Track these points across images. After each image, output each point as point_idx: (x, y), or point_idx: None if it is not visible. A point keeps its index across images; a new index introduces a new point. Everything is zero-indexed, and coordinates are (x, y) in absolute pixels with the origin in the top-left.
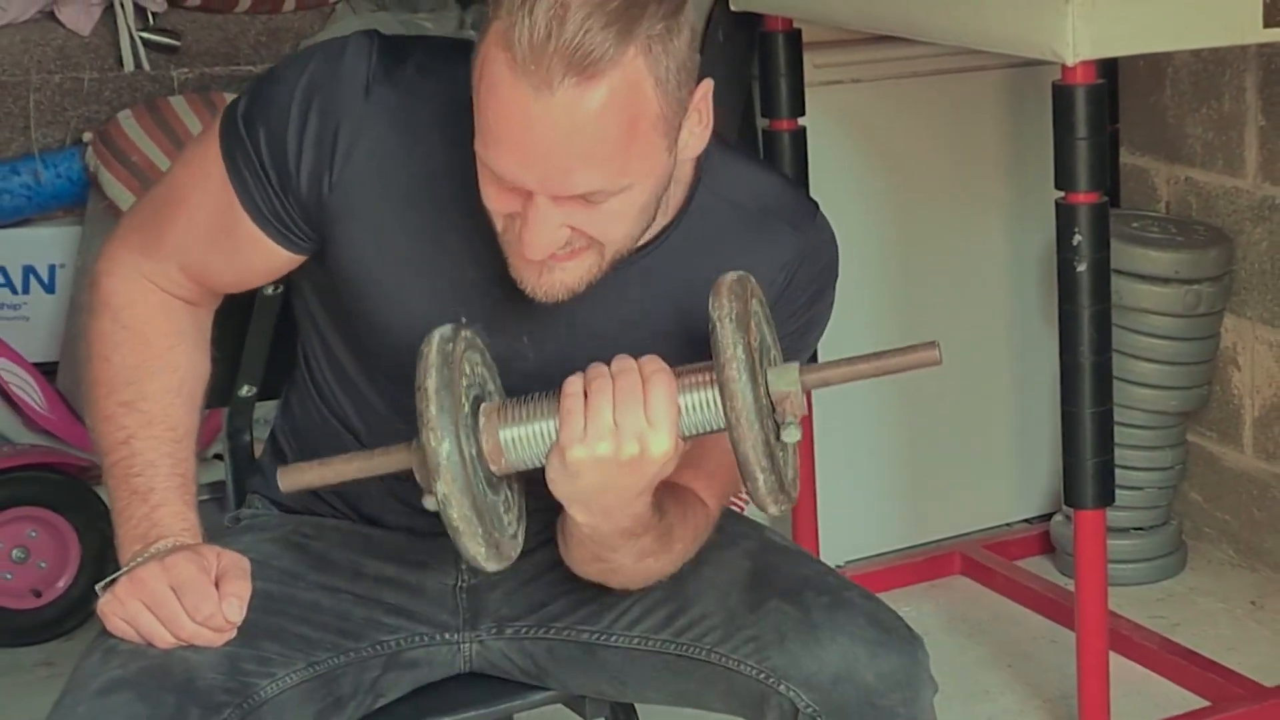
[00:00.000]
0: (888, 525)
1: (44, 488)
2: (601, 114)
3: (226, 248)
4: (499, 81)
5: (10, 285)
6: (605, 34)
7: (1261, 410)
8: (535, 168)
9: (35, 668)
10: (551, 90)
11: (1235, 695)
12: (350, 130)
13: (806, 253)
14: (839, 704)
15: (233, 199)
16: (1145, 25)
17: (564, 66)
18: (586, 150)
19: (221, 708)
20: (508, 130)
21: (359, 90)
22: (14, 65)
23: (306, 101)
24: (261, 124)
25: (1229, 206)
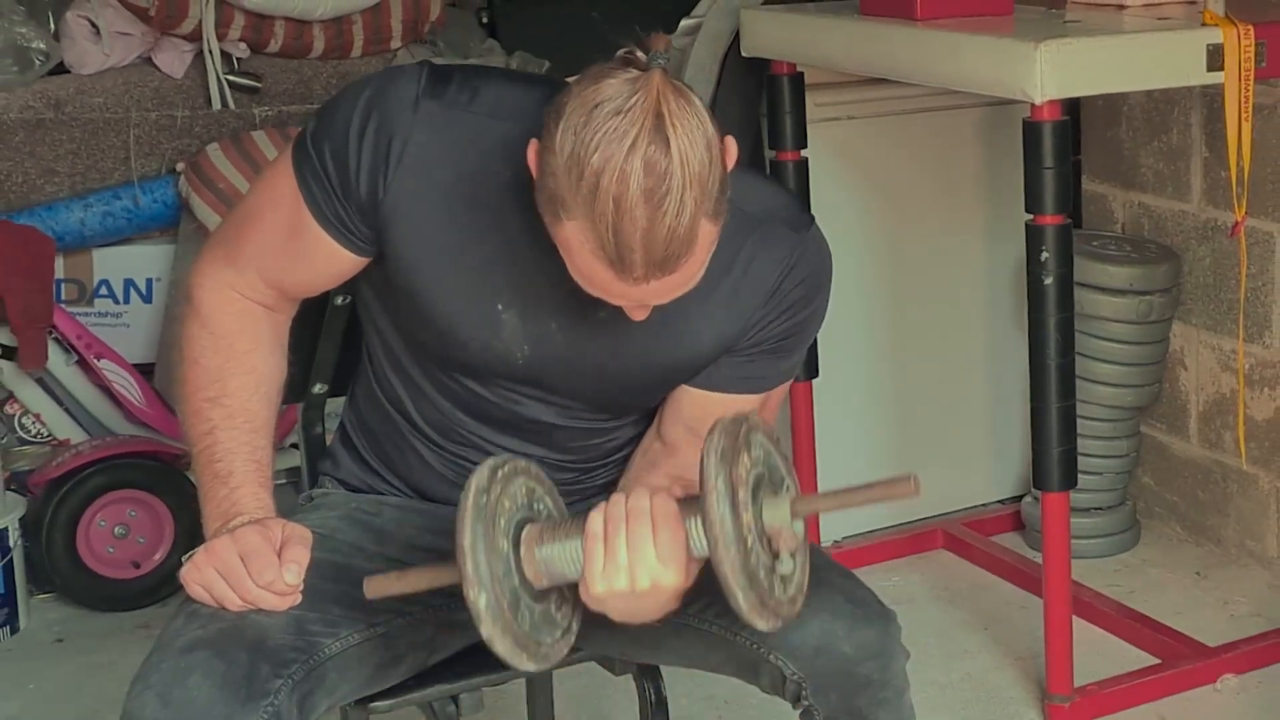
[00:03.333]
0: (878, 505)
1: (142, 473)
2: (685, 276)
3: (298, 253)
4: (593, 269)
5: (113, 296)
6: (682, 240)
7: (1205, 405)
8: (636, 302)
9: (135, 630)
10: (640, 283)
11: (1183, 654)
12: (400, 140)
13: (801, 255)
14: (820, 672)
15: (302, 209)
16: (1104, 69)
17: (655, 272)
18: (676, 289)
19: (290, 663)
20: (607, 292)
21: (408, 104)
22: (116, 104)
23: (365, 117)
24: (326, 139)
25: (1177, 227)
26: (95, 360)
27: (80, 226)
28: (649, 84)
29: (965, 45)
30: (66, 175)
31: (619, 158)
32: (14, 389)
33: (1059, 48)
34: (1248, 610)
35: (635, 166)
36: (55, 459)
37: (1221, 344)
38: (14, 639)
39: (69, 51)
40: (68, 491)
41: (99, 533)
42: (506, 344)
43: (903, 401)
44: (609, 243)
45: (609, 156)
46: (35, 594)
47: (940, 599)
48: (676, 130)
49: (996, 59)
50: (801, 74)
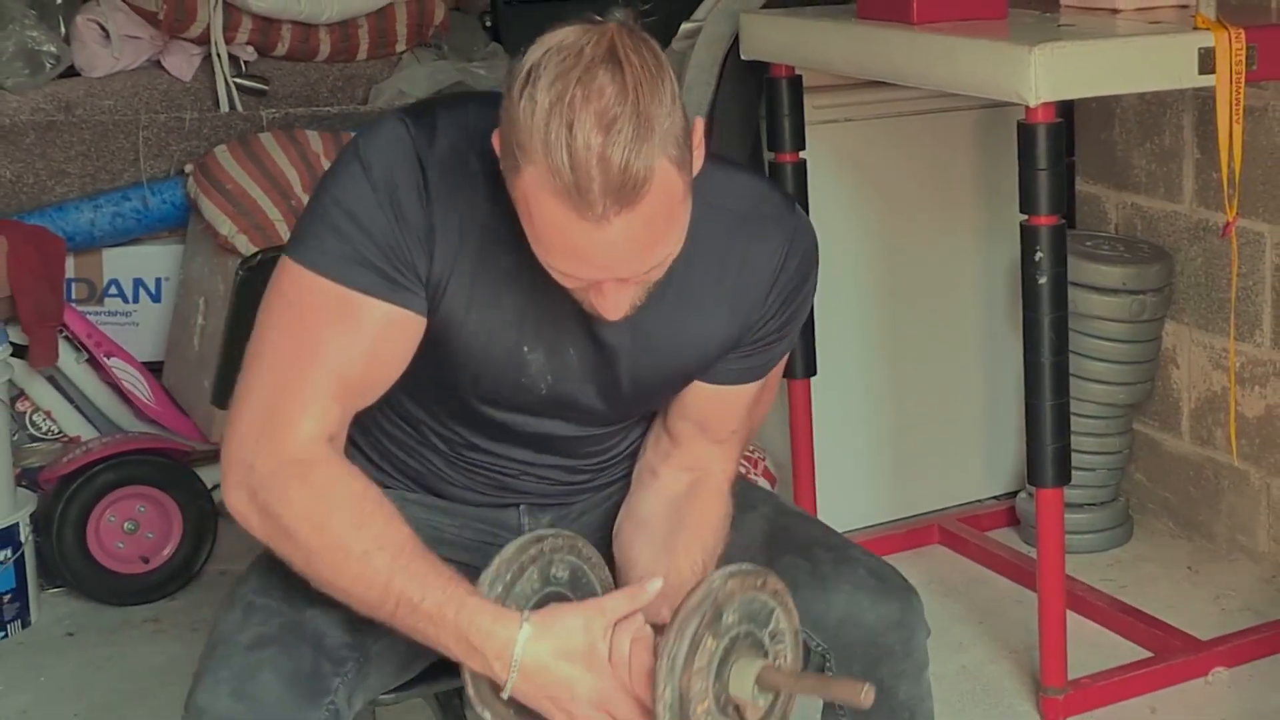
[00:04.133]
0: (876, 501)
1: (151, 469)
2: (650, 218)
3: (370, 350)
4: (555, 219)
5: (122, 295)
6: (637, 163)
7: (1197, 403)
8: (606, 271)
9: (144, 624)
10: (608, 223)
11: (1174, 647)
12: (420, 193)
13: (792, 242)
14: (845, 643)
15: (353, 300)
16: (1097, 72)
17: (614, 204)
18: (644, 248)
19: (344, 661)
20: (573, 252)
21: (411, 156)
22: (125, 107)
23: (380, 178)
24: (346, 214)
25: (1169, 227)
26: (105, 358)
27: (90, 227)
28: (604, 29)
29: (961, 48)
30: (77, 176)
31: (570, 86)
32: (25, 387)
33: (1053, 51)
34: (1238, 604)
35: (587, 91)
36: (66, 456)
37: (1213, 342)
38: (25, 632)
39: (79, 55)
40: (78, 488)
41: (109, 528)
42: (532, 379)
43: (900, 399)
44: (564, 170)
45: (561, 88)
46: (46, 588)
47: (936, 593)
48: (631, 62)
49: (992, 62)
50: (800, 77)
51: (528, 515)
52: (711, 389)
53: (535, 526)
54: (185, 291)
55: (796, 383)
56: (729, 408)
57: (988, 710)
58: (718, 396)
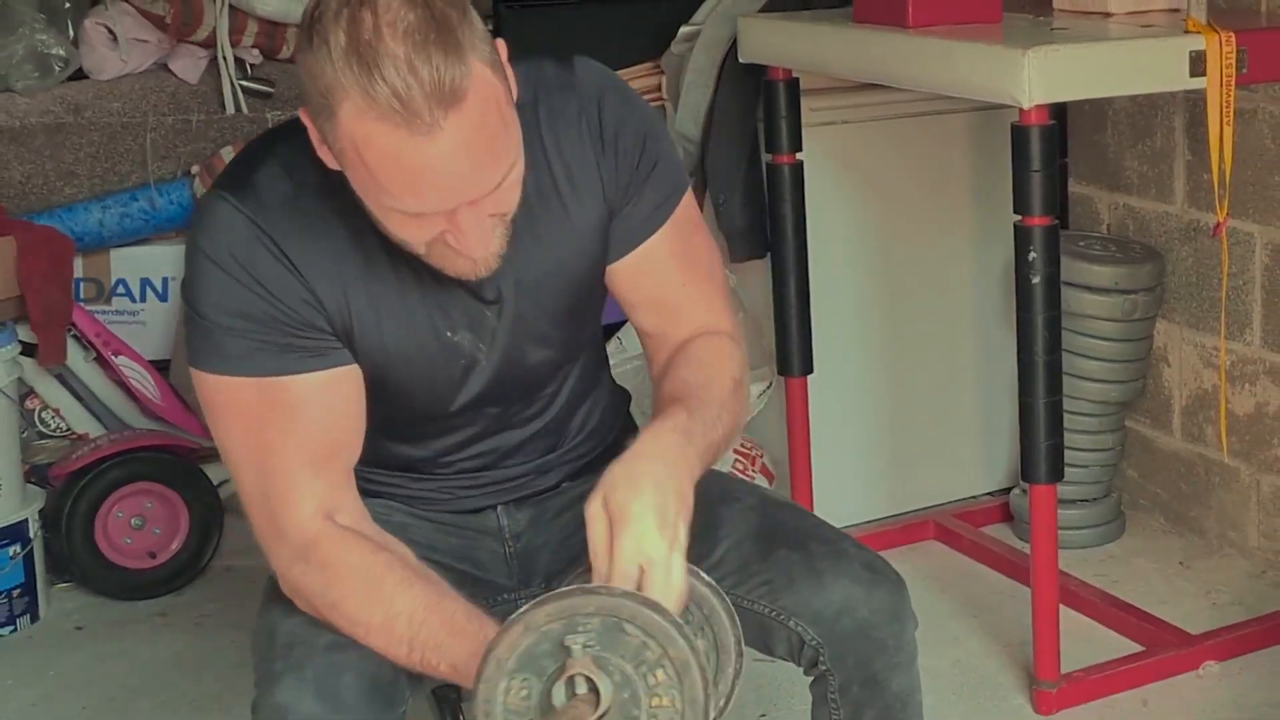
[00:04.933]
0: (872, 497)
1: (158, 466)
2: (481, 120)
3: (316, 419)
4: (386, 147)
5: (130, 295)
6: (450, 62)
7: (1188, 401)
8: (453, 191)
9: (152, 618)
10: (439, 130)
11: (1166, 641)
12: (275, 255)
13: (588, 95)
14: (840, 637)
15: (278, 388)
16: (1090, 75)
17: (439, 108)
18: (484, 154)
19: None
20: (415, 178)
21: (248, 226)
22: (133, 109)
23: (236, 266)
24: (230, 314)
25: (1161, 228)
26: (113, 357)
27: (98, 227)
28: None
29: (956, 52)
30: (85, 178)
31: (358, 11)
32: (34, 385)
33: (1046, 54)
34: (1229, 599)
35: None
36: (74, 452)
37: (1203, 341)
38: (34, 627)
39: (88, 58)
40: (86, 484)
41: (117, 524)
42: (470, 357)
43: (895, 397)
44: (381, 87)
45: (350, 15)
46: (55, 583)
47: (931, 588)
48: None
49: (986, 65)
50: (797, 79)
51: (505, 516)
52: (632, 262)
53: (514, 526)
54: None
55: (793, 381)
56: (660, 267)
57: (981, 704)
58: (642, 264)
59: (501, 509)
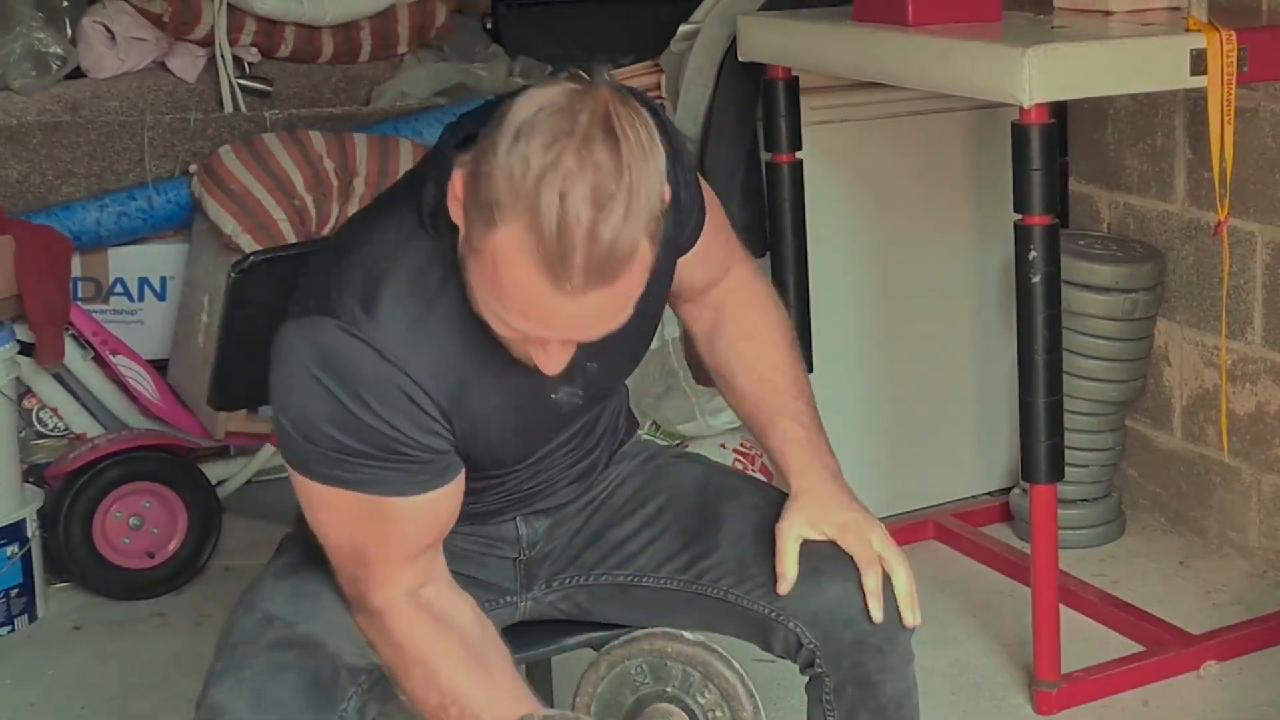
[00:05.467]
0: (871, 497)
1: (156, 465)
2: (623, 296)
3: (425, 523)
4: (526, 283)
5: (128, 294)
6: (626, 242)
7: (1188, 400)
8: (562, 334)
9: (150, 618)
10: (582, 297)
11: (1166, 641)
12: (410, 385)
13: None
14: (836, 638)
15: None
16: (1090, 73)
17: (592, 282)
18: (609, 320)
19: (359, 672)
20: (530, 315)
21: (362, 351)
22: (131, 108)
23: (365, 407)
24: (352, 446)
25: (1161, 227)
26: (111, 356)
27: (96, 226)
28: (595, 90)
29: (955, 50)
30: (83, 177)
31: (566, 154)
32: (32, 384)
33: (1046, 52)
34: (1229, 599)
35: (583, 163)
36: (72, 452)
37: (1204, 340)
38: (33, 627)
39: (85, 56)
40: (84, 484)
41: (114, 524)
42: (570, 405)
43: (895, 396)
44: (550, 239)
45: (556, 153)
46: (53, 583)
47: (930, 588)
48: (627, 135)
49: (986, 63)
50: (796, 78)
51: (525, 525)
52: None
53: (533, 536)
54: (190, 290)
55: None
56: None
57: (981, 704)
58: (690, 263)
59: (521, 519)
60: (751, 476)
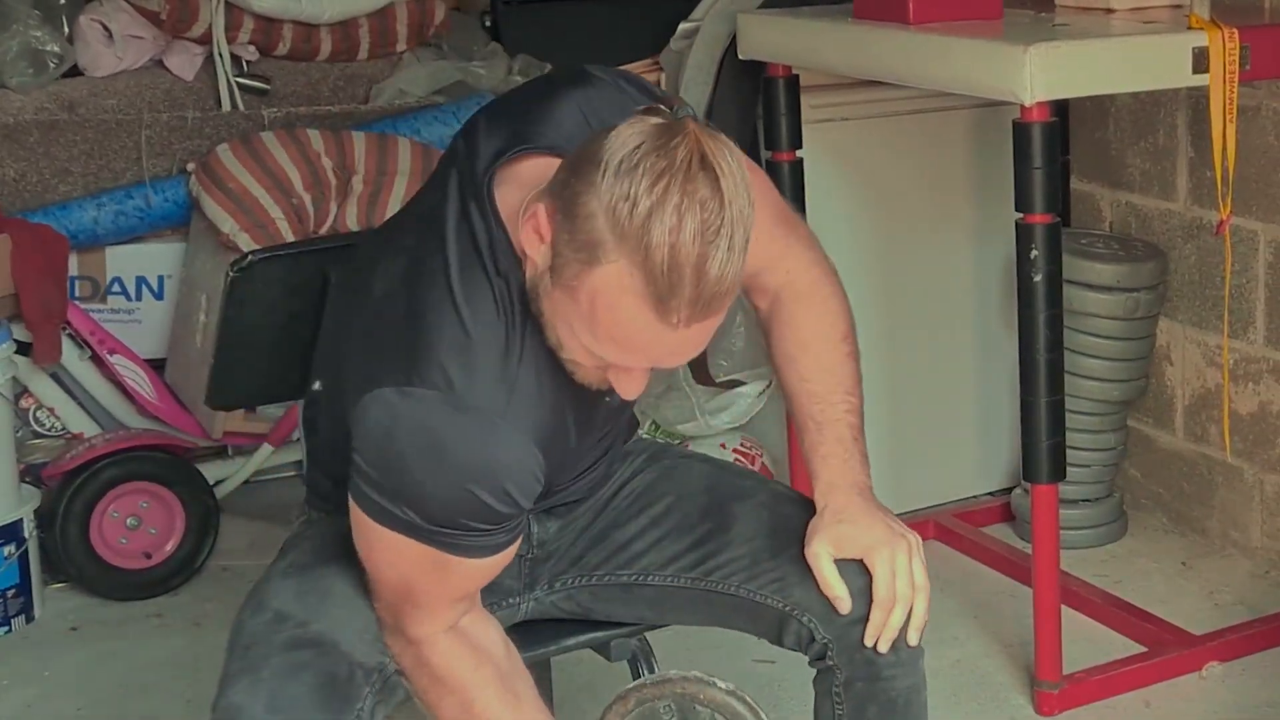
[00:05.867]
0: None
1: (154, 465)
2: (712, 329)
3: (484, 575)
4: (628, 318)
5: (125, 293)
6: (731, 276)
7: (1190, 400)
8: (654, 363)
9: (147, 618)
10: (683, 330)
11: (1168, 642)
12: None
13: None
14: (849, 635)
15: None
16: (1092, 71)
17: (696, 316)
18: (700, 347)
19: (372, 672)
20: (637, 349)
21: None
22: (128, 106)
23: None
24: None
25: (1163, 226)
26: (108, 355)
27: (93, 225)
28: (685, 128)
29: (956, 48)
30: (80, 175)
31: (673, 190)
32: (29, 384)
33: (1048, 50)
34: (1232, 599)
35: (690, 199)
36: (69, 452)
37: (1206, 339)
38: (30, 627)
39: (82, 54)
40: (81, 484)
41: (112, 524)
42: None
43: (895, 395)
44: (661, 278)
45: (663, 190)
46: (50, 583)
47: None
48: (723, 170)
49: (987, 62)
50: (797, 76)
51: (536, 524)
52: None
53: (542, 535)
54: (188, 289)
55: None
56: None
57: (983, 704)
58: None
59: (533, 517)
60: (760, 475)
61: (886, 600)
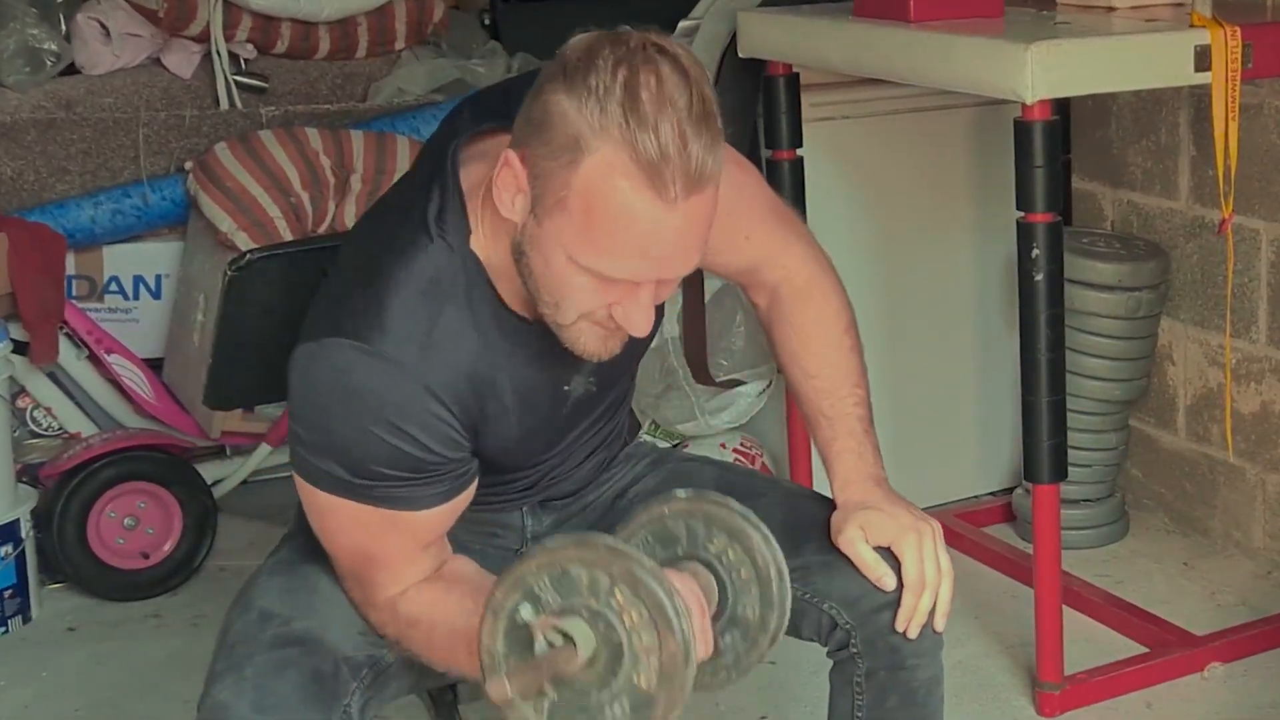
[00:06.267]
0: None
1: (151, 465)
2: (708, 213)
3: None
4: (627, 203)
5: (123, 292)
6: (709, 150)
7: (1192, 399)
8: (664, 264)
9: (145, 619)
10: (678, 206)
11: (1170, 642)
12: (429, 397)
13: None
14: (873, 623)
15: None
16: (1093, 70)
17: (687, 187)
18: (699, 240)
19: (360, 668)
20: (641, 241)
21: (398, 376)
22: (126, 104)
23: (389, 425)
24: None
25: (1165, 225)
26: (105, 355)
27: (91, 224)
28: (626, 31)
29: (957, 46)
30: (77, 174)
31: (637, 69)
32: (26, 383)
33: (1049, 49)
34: (1234, 600)
35: (654, 76)
36: (66, 452)
37: (1208, 339)
38: (27, 628)
39: (80, 53)
40: (79, 484)
41: (109, 524)
42: (585, 393)
43: (896, 395)
44: (650, 145)
45: (629, 70)
46: (47, 584)
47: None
48: (677, 52)
49: (988, 60)
50: (797, 75)
51: (530, 517)
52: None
53: (536, 528)
54: (185, 288)
55: None
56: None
57: (984, 705)
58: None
59: (527, 509)
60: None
61: (916, 584)
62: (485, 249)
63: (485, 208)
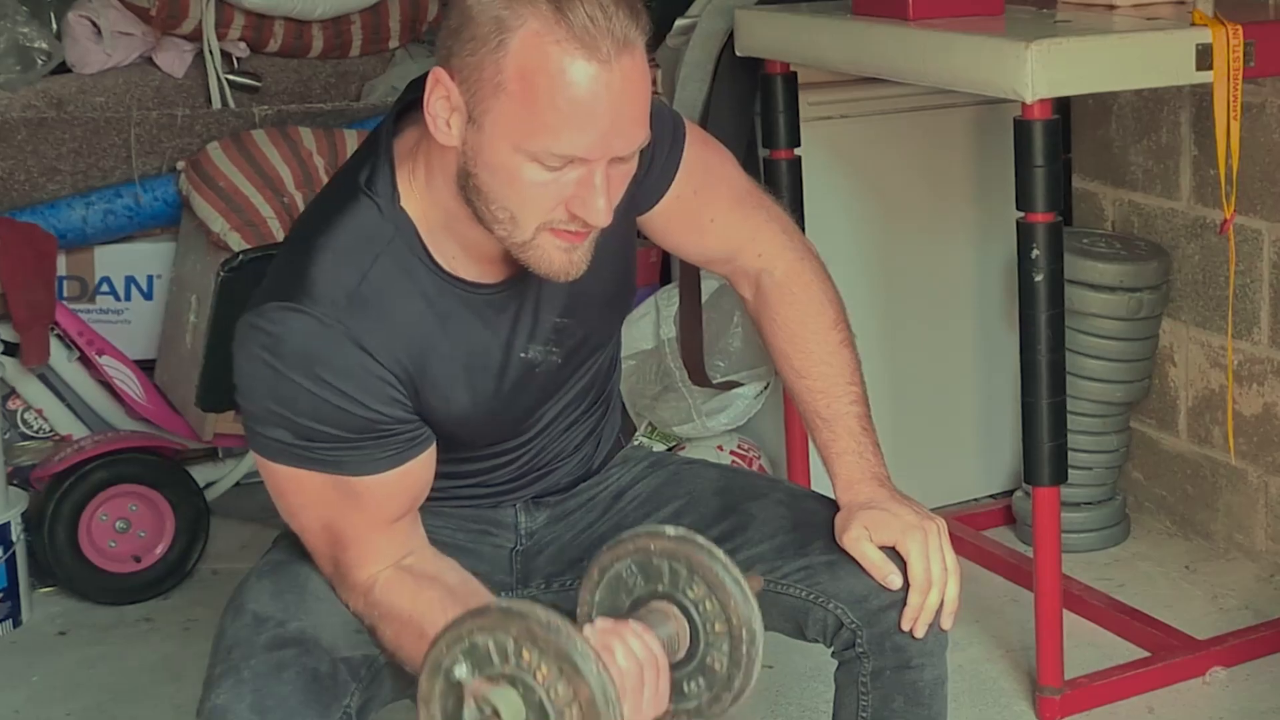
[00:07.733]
0: None
1: (143, 468)
2: (641, 76)
3: (394, 494)
4: (563, 69)
5: (114, 293)
6: (630, 19)
7: (1194, 401)
8: (604, 140)
9: (137, 622)
10: (614, 65)
11: (1172, 646)
12: (362, 353)
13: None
14: (880, 623)
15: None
16: (1094, 69)
17: (616, 48)
18: (640, 109)
19: (358, 668)
20: (585, 108)
21: (327, 330)
22: (117, 103)
23: (323, 383)
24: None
25: (1166, 225)
26: (96, 356)
27: (82, 224)
28: None
29: (957, 45)
30: (69, 173)
31: None
32: (16, 385)
33: (1050, 47)
34: (1236, 603)
35: None
36: (57, 454)
37: (1210, 340)
38: (17, 632)
39: (71, 51)
40: (70, 486)
41: (100, 527)
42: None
43: (895, 397)
44: (576, 14)
45: None
46: (38, 587)
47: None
48: None
49: (988, 58)
50: (795, 73)
51: (524, 514)
52: (664, 214)
53: (530, 524)
54: (177, 289)
55: None
56: (688, 209)
57: (984, 710)
58: (672, 214)
59: (521, 505)
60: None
61: (924, 582)
62: (418, 209)
63: (419, 168)
